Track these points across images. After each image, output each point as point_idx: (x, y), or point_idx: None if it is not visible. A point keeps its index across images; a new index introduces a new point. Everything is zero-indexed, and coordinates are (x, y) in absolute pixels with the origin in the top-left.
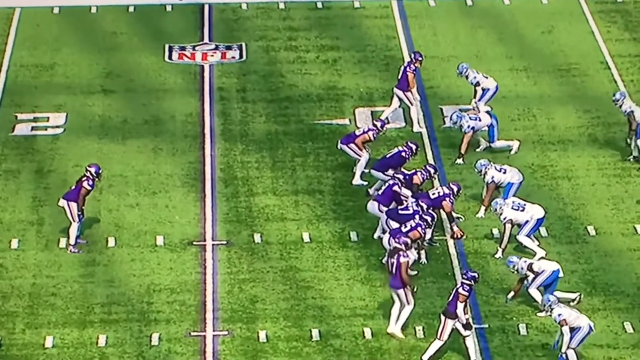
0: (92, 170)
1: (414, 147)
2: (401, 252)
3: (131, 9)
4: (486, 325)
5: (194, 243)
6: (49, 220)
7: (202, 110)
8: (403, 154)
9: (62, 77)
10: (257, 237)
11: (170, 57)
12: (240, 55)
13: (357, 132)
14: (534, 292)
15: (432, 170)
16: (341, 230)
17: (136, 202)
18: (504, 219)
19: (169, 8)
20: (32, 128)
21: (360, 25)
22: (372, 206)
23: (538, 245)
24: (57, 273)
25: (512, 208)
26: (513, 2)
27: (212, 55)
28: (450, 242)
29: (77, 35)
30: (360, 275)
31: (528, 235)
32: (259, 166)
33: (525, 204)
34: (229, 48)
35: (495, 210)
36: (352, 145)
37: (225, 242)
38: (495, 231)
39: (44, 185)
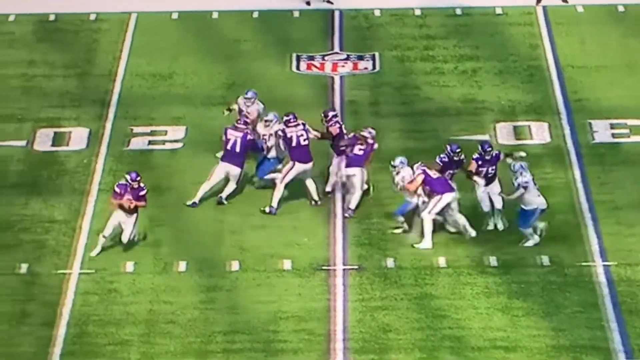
0: None
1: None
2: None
3: (255, 14)
4: None
5: (323, 267)
6: (167, 241)
7: None
8: None
9: (181, 87)
10: (389, 262)
11: (297, 68)
12: (373, 66)
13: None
14: None
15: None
16: (479, 254)
17: (261, 223)
18: None
19: (296, 14)
20: (149, 142)
21: (502, 33)
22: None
23: None
24: (176, 299)
25: None
26: None
27: (342, 66)
28: (600, 270)
29: (197, 42)
30: (500, 303)
31: None
32: (392, 186)
33: None
34: (360, 58)
35: None
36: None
37: (356, 267)
38: None
39: (160, 204)
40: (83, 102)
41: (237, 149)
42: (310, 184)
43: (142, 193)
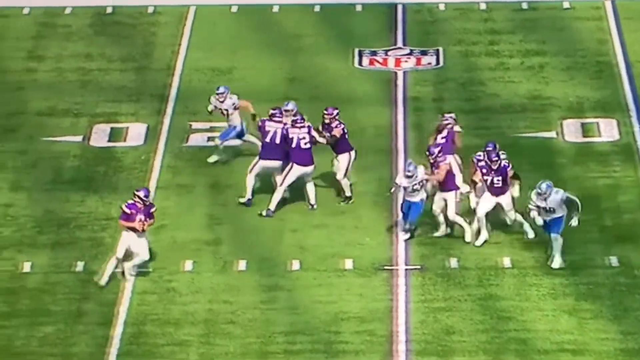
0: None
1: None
2: None
3: (317, 8)
4: None
5: (385, 267)
6: (226, 240)
7: (394, 122)
8: None
9: (240, 82)
10: (453, 262)
11: (360, 63)
12: (437, 61)
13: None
14: None
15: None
16: (546, 255)
17: (322, 222)
18: None
19: (358, 8)
20: (208, 138)
21: (570, 27)
22: None
23: None
24: (236, 298)
25: None
26: None
27: (405, 61)
28: None
29: (257, 36)
30: (567, 305)
31: None
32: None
33: None
34: (424, 53)
35: None
36: None
37: (418, 267)
38: None
39: (220, 202)
40: (141, 96)
41: (277, 141)
42: (310, 187)
43: (152, 210)
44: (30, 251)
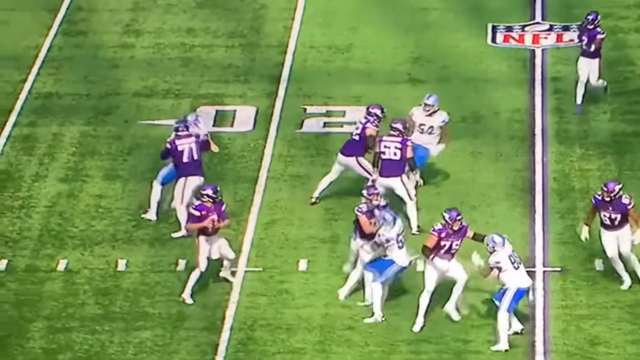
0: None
1: None
2: None
3: None
4: None
5: None
6: (345, 237)
7: (532, 106)
8: None
9: (360, 61)
10: (597, 264)
11: (493, 40)
12: None
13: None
14: None
15: None
16: None
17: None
18: None
19: None
20: (325, 124)
21: None
22: None
23: None
24: (354, 302)
25: None
26: None
27: (545, 38)
28: None
29: (379, 10)
30: None
31: None
32: (601, 175)
33: None
34: (566, 29)
35: None
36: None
37: (559, 269)
38: None
39: (338, 195)
40: (249, 76)
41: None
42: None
43: (224, 208)
44: (126, 247)
